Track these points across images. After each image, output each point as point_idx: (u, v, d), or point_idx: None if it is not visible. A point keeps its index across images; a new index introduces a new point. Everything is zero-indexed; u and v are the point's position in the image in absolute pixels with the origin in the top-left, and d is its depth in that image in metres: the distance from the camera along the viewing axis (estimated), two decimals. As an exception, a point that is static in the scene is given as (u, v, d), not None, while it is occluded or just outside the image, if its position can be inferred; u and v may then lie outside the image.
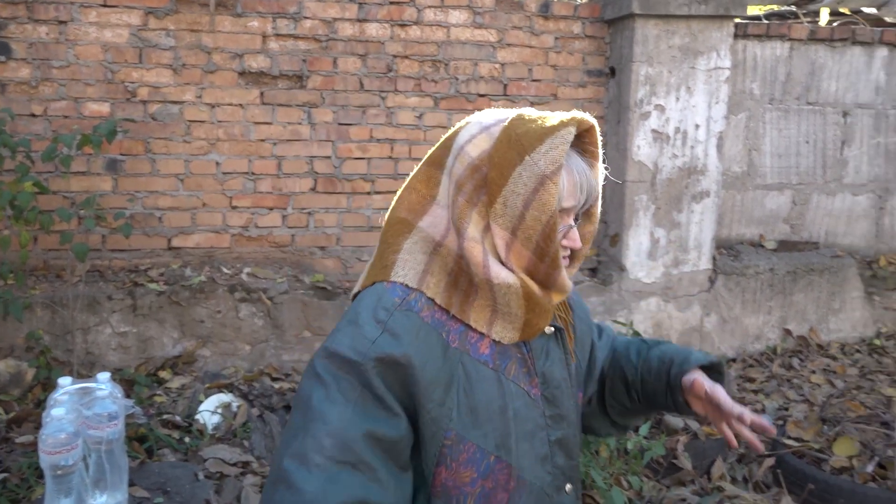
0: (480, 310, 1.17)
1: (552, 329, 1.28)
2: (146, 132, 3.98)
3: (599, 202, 1.29)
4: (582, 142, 1.22)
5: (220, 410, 3.34)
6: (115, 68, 3.90)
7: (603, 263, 4.58)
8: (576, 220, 1.24)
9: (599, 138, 1.22)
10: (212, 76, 4.03)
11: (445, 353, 1.14)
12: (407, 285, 1.17)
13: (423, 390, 1.10)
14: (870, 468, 2.97)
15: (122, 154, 3.96)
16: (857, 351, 4.81)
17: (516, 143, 1.15)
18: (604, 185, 1.26)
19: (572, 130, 1.14)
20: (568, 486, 1.29)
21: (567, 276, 1.22)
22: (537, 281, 1.18)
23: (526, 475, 1.20)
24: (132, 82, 3.93)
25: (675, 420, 3.31)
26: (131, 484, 2.17)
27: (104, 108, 3.91)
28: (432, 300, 1.16)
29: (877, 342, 4.90)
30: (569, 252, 1.24)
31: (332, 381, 1.09)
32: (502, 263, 1.16)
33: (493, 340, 1.19)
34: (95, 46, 3.87)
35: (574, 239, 1.22)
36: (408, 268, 1.18)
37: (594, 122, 1.20)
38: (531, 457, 1.22)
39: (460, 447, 1.14)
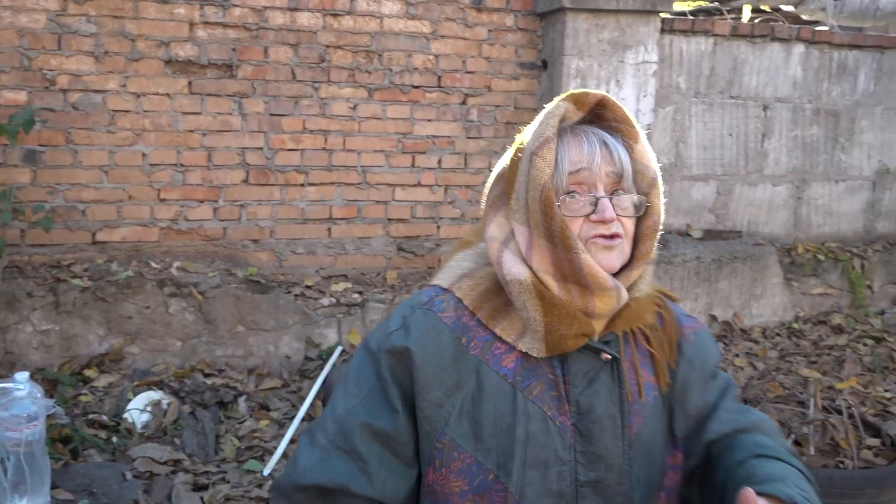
0: (514, 321, 1.11)
1: (608, 357, 1.11)
2: (67, 122, 3.83)
3: (660, 191, 1.15)
4: (606, 120, 1.16)
5: (149, 408, 3.26)
6: (32, 55, 3.74)
7: (537, 253, 4.67)
8: (619, 195, 1.13)
9: (628, 113, 1.15)
10: (136, 64, 3.91)
11: (459, 358, 1.10)
12: (440, 286, 1.16)
13: (419, 387, 1.09)
14: (787, 446, 3.12)
15: (40, 145, 3.80)
16: (777, 334, 5.04)
17: (523, 138, 1.17)
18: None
19: (561, 105, 1.12)
20: None
21: (598, 267, 1.07)
22: (569, 278, 1.08)
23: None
24: (51, 70, 3.78)
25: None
26: (54, 486, 2.10)
27: (21, 97, 3.74)
28: (461, 301, 1.13)
29: (795, 326, 5.14)
30: (610, 232, 1.09)
31: (355, 371, 1.16)
32: (524, 262, 1.10)
33: (523, 355, 1.10)
34: (10, 32, 3.69)
35: (603, 209, 1.08)
36: (448, 272, 1.19)
37: (602, 94, 1.14)
38: (540, 489, 1.08)
39: (454, 454, 1.10)
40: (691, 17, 5.14)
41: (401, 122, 4.38)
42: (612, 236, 1.09)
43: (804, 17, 5.80)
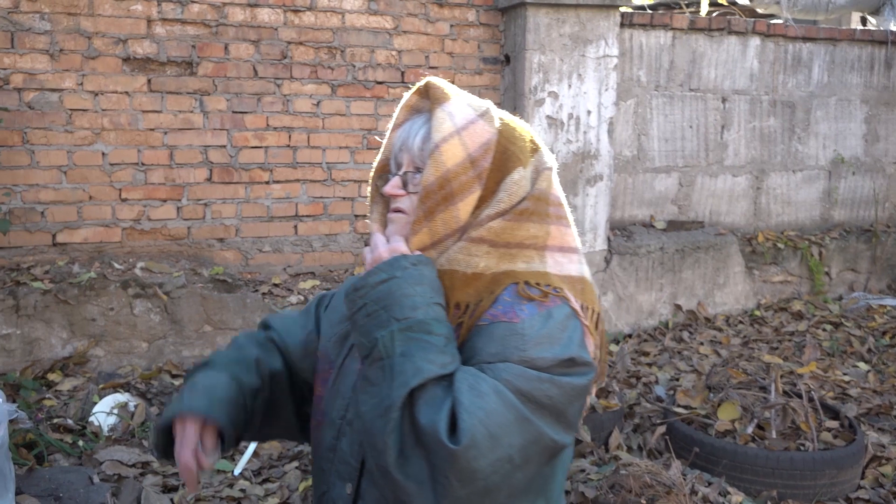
0: None
1: None
2: (23, 122, 3.75)
3: (437, 160, 1.15)
4: None
5: (115, 411, 3.22)
6: (-15, 54, 3.65)
7: (503, 247, 4.69)
8: (406, 176, 1.21)
9: (438, 92, 1.20)
10: (93, 62, 3.84)
11: None
12: None
13: (326, 313, 1.38)
14: (749, 429, 3.20)
15: (-4, 145, 3.72)
16: (741, 322, 5.15)
17: None
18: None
19: (406, 97, 1.26)
20: (349, 486, 1.18)
21: (373, 230, 1.24)
22: None
23: (323, 425, 1.26)
24: (4, 69, 3.69)
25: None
26: (19, 492, 2.07)
27: (-26, 97, 3.65)
28: None
29: (757, 313, 5.25)
30: (392, 206, 1.22)
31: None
32: None
33: None
34: (-39, 30, 3.60)
35: (386, 187, 1.23)
36: None
37: (427, 80, 1.24)
38: (329, 412, 1.25)
39: (324, 365, 1.30)
40: (650, 12, 5.21)
41: (365, 117, 4.38)
42: (394, 210, 1.22)
43: (759, 10, 5.92)
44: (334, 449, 1.21)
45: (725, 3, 6.01)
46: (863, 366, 4.40)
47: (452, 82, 4.47)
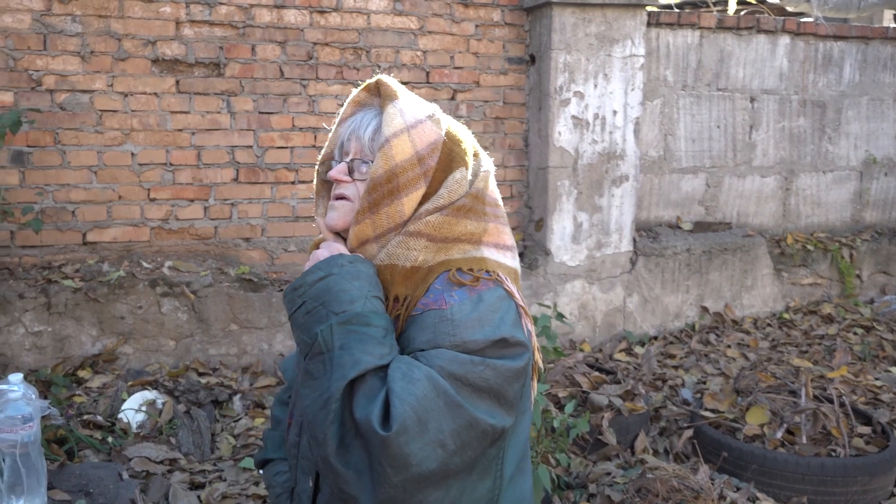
0: None
1: None
2: (54, 122, 3.81)
3: (387, 153, 1.18)
4: None
5: (144, 408, 3.26)
6: (18, 55, 3.71)
7: (529, 248, 4.67)
8: (353, 164, 1.24)
9: (388, 90, 1.24)
10: (123, 64, 3.89)
11: None
12: None
13: None
14: (779, 434, 3.15)
15: (28, 146, 3.78)
16: (769, 325, 5.08)
17: None
18: (527, 171, 1.26)
19: (355, 93, 1.29)
20: (310, 481, 1.23)
21: (322, 225, 1.26)
22: None
23: (291, 425, 1.30)
24: (37, 70, 3.75)
25: (599, 398, 3.42)
26: (50, 487, 2.10)
27: (7, 98, 3.72)
28: None
29: (786, 316, 5.17)
30: (336, 193, 1.25)
31: None
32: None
33: None
34: (-4, 33, 3.67)
35: (332, 172, 1.25)
36: None
37: (378, 78, 1.27)
38: (296, 416, 1.29)
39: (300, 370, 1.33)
40: (677, 10, 5.16)
41: (390, 118, 4.37)
42: (337, 197, 1.24)
43: (789, 8, 5.84)
44: (297, 445, 1.26)
45: (754, 2, 5.94)
46: (895, 370, 4.32)
47: (477, 82, 4.47)
